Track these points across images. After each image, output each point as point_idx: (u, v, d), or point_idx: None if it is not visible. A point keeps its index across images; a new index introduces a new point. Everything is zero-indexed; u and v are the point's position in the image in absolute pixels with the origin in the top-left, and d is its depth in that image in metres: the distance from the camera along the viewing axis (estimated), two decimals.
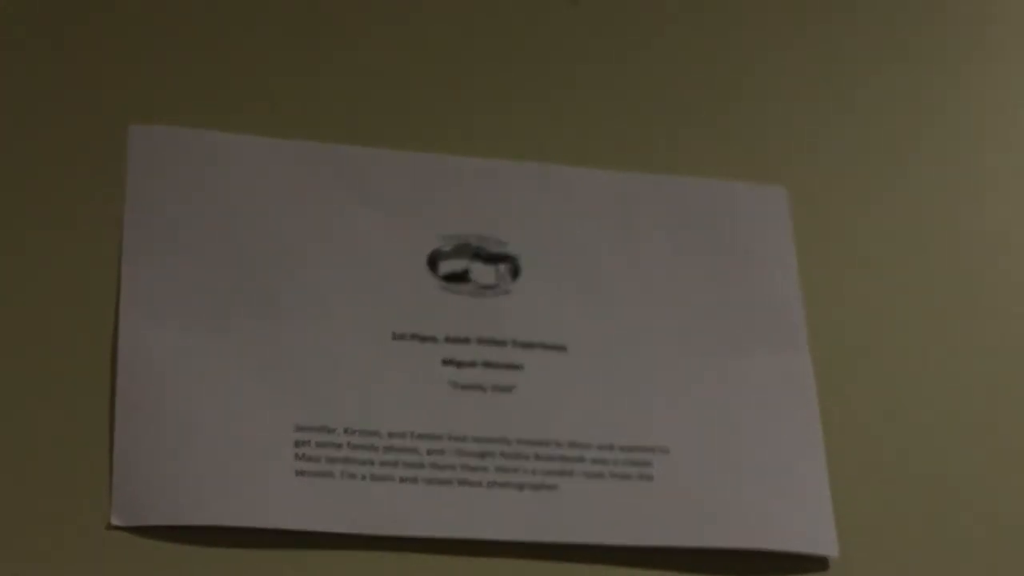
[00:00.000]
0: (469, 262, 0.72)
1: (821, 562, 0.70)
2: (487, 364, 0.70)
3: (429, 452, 0.68)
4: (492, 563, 0.67)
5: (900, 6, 0.86)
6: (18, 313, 0.67)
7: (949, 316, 0.77)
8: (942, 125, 0.83)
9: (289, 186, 0.72)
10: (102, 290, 0.68)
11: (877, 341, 0.76)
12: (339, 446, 0.67)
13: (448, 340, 0.71)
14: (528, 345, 0.71)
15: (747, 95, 0.81)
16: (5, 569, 0.62)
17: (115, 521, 0.64)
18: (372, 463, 0.67)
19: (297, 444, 0.67)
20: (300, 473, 0.66)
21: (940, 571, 0.71)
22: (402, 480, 0.67)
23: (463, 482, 0.68)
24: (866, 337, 0.76)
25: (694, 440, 0.71)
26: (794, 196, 0.78)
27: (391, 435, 0.68)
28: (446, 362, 0.70)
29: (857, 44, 0.84)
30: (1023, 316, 0.78)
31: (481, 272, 0.72)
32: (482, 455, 0.68)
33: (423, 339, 0.70)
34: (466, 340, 0.71)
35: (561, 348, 0.71)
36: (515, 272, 0.73)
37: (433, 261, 0.72)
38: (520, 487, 0.68)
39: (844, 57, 0.84)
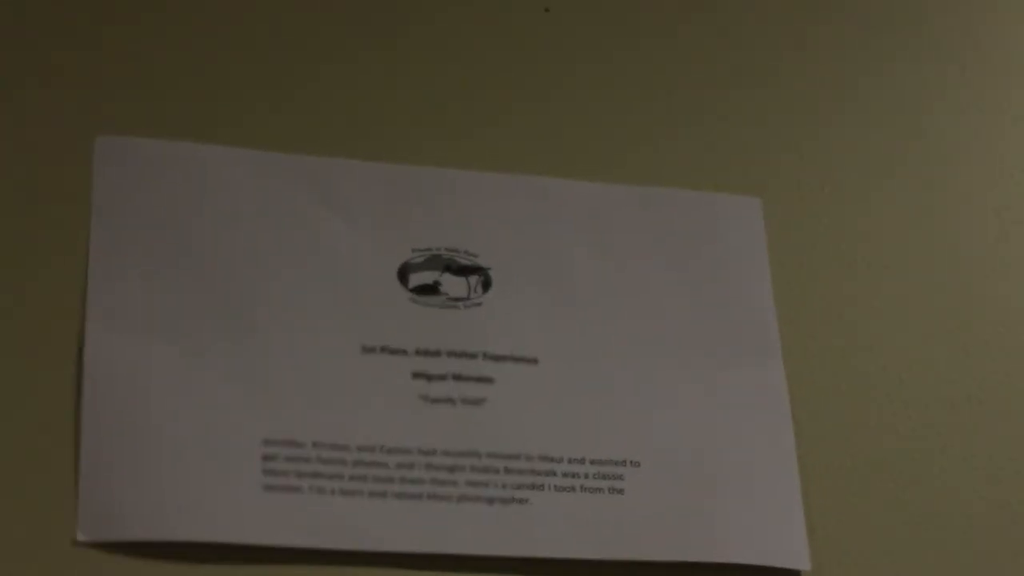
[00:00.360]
0: (440, 274, 0.72)
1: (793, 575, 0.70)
2: (457, 377, 0.70)
3: (398, 466, 0.67)
4: None
5: (877, 21, 0.86)
6: None
7: (923, 327, 0.77)
8: (916, 137, 0.83)
9: (259, 197, 0.72)
10: (68, 303, 0.68)
11: (851, 353, 0.76)
12: (308, 460, 0.67)
13: (418, 353, 0.70)
14: (499, 358, 0.71)
15: (722, 105, 0.81)
16: None
17: (81, 537, 0.63)
18: (341, 477, 0.67)
19: (265, 458, 0.66)
20: (268, 488, 0.66)
21: None
22: (371, 495, 0.66)
23: (433, 496, 0.67)
24: (840, 349, 0.76)
25: (666, 453, 0.70)
26: (768, 207, 0.78)
27: (360, 449, 0.67)
28: (416, 375, 0.70)
29: (832, 58, 0.84)
30: (998, 327, 0.78)
31: (452, 284, 0.72)
32: (452, 469, 0.68)
33: (393, 352, 0.70)
34: (436, 353, 0.70)
35: (532, 361, 0.71)
36: (486, 284, 0.72)
37: (403, 273, 0.72)
38: (491, 501, 0.68)
39: (820, 70, 0.84)
